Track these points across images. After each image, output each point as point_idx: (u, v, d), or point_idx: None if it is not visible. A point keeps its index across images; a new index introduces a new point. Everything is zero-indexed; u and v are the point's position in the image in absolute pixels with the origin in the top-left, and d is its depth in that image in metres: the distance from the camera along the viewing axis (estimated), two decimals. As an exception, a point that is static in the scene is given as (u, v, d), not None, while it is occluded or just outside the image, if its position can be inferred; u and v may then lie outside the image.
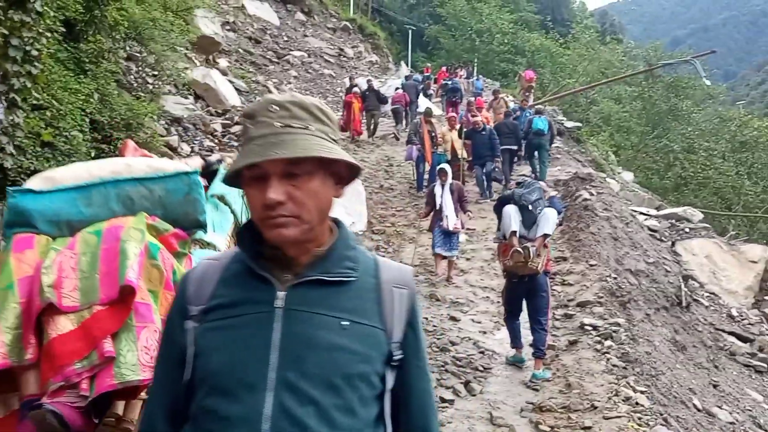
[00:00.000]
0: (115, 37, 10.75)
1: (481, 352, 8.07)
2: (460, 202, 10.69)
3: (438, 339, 8.24)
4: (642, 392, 6.87)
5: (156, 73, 13.31)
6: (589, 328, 8.60)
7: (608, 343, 8.10)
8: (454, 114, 16.23)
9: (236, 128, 15.37)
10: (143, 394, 1.84)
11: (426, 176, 15.33)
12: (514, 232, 7.45)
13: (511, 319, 7.83)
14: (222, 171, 2.82)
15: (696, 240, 15.57)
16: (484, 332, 8.78)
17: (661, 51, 41.94)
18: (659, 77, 39.22)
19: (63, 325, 1.86)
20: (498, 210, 7.99)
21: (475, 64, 45.94)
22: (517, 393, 7.04)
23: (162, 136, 12.03)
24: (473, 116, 15.73)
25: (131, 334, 1.87)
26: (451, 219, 10.30)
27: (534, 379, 7.30)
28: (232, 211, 2.65)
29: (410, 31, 49.79)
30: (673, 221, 16.89)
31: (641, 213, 17.44)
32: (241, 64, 23.07)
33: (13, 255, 2.01)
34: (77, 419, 1.72)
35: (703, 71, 28.62)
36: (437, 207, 10.46)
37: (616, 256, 11.47)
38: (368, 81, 22.75)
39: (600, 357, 7.76)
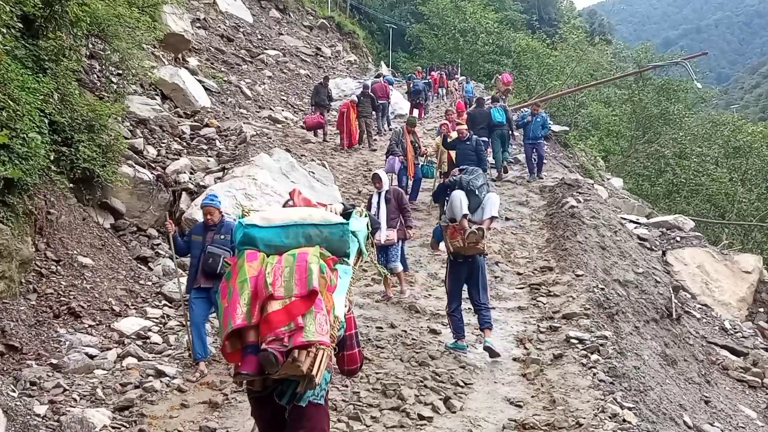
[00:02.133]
0: (76, 34, 10.65)
1: (462, 367, 8.07)
2: (401, 212, 10.24)
3: (417, 353, 8.24)
4: (630, 409, 6.91)
5: (120, 72, 13.22)
6: (575, 341, 8.63)
7: (595, 357, 8.14)
8: (446, 122, 15.87)
9: (206, 131, 15.31)
10: (311, 349, 3.42)
11: (409, 190, 14.99)
12: (465, 215, 8.35)
13: (454, 304, 8.58)
14: (354, 215, 4.19)
15: (688, 249, 15.72)
16: (466, 346, 8.78)
17: (651, 52, 42.43)
18: (650, 80, 39.68)
19: (275, 306, 3.48)
20: (440, 195, 9.22)
21: (459, 65, 46.15)
22: (499, 410, 7.04)
23: (126, 138, 11.97)
24: (458, 124, 15.22)
25: (312, 316, 3.48)
26: (383, 231, 9.90)
27: (488, 345, 8.26)
28: (358, 242, 4.07)
29: (391, 30, 50.03)
30: (664, 230, 17.04)
31: (631, 221, 17.57)
32: (212, 64, 22.98)
33: (246, 262, 3.65)
34: (280, 357, 3.37)
35: (694, 74, 28.96)
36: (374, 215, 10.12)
37: (604, 266, 11.53)
38: (325, 78, 22.47)
39: (586, 372, 7.79)
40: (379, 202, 10.17)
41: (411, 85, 27.50)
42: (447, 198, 8.88)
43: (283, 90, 27.06)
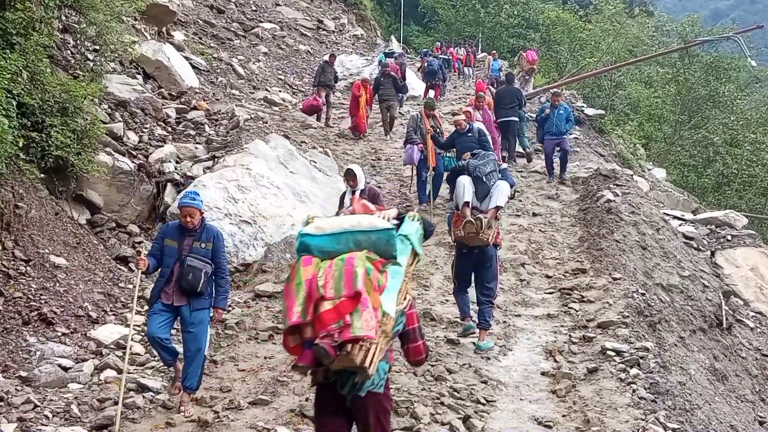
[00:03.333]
0: (48, 5, 10.69)
1: (484, 382, 8.07)
2: None
3: (433, 366, 8.24)
4: (674, 430, 6.89)
5: (97, 47, 13.26)
6: (612, 353, 8.62)
7: (635, 371, 8.12)
8: (470, 108, 15.20)
9: (193, 114, 15.34)
10: (364, 343, 4.14)
11: (429, 185, 14.19)
12: (466, 203, 8.76)
13: (459, 292, 9.11)
14: (407, 219, 4.95)
15: (740, 249, 15.64)
16: (488, 358, 8.78)
17: (699, 26, 42.17)
18: (697, 56, 39.41)
19: (326, 306, 4.24)
20: (451, 180, 9.43)
21: (480, 40, 45.98)
22: (525, 430, 7.04)
23: (104, 122, 12.00)
24: (455, 114, 14.74)
25: (358, 314, 4.20)
26: None
27: (479, 350, 8.72)
28: (411, 244, 4.80)
29: (402, 1, 49.83)
30: (713, 227, 16.97)
31: (675, 217, 17.51)
32: (200, 38, 23.01)
33: (302, 267, 4.46)
34: (332, 351, 4.12)
35: (748, 50, 28.77)
36: None
37: (645, 269, 11.50)
38: (331, 55, 22.47)
39: (625, 388, 7.78)
40: (353, 198, 9.50)
41: (426, 63, 27.41)
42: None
43: (281, 68, 27.06)
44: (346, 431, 4.66)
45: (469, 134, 13.21)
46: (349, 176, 10.09)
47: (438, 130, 14.48)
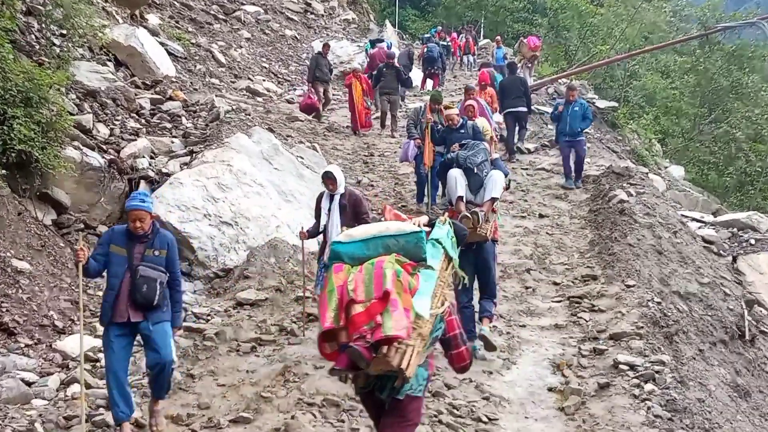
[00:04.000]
0: (10, -15, 10.68)
1: (486, 398, 8.08)
2: (358, 220, 9.29)
3: (429, 381, 8.23)
4: (692, 451, 6.91)
5: (64, 32, 13.23)
6: (626, 367, 8.63)
7: (649, 386, 8.14)
8: (473, 102, 14.45)
9: (169, 105, 15.31)
10: (400, 346, 4.52)
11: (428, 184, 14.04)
12: (460, 197, 8.98)
13: (464, 297, 8.97)
14: (438, 223, 5.46)
15: (764, 254, 15.65)
16: (490, 372, 8.79)
17: (720, 11, 42.27)
18: (718, 44, 39.49)
19: (357, 309, 4.63)
20: (441, 175, 9.65)
21: (482, 26, 46.03)
22: (531, 451, 7.05)
23: (72, 114, 11.95)
24: (446, 108, 13.58)
25: (388, 314, 4.56)
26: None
27: (482, 332, 8.82)
28: (444, 248, 5.28)
29: (398, -18, 49.84)
30: (735, 230, 16.99)
31: (694, 219, 17.55)
32: (177, 22, 22.99)
33: (334, 274, 4.89)
34: (366, 352, 4.47)
35: (774, 37, 28.86)
36: (322, 228, 9.57)
37: (661, 275, 11.52)
38: (325, 45, 22.48)
39: (639, 405, 7.79)
40: (330, 209, 9.48)
41: (425, 50, 27.41)
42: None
43: (265, 55, 27.07)
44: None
45: (462, 131, 12.66)
46: (328, 178, 9.54)
47: (441, 126, 13.60)
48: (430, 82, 26.34)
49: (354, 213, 9.45)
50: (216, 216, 11.80)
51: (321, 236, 9.68)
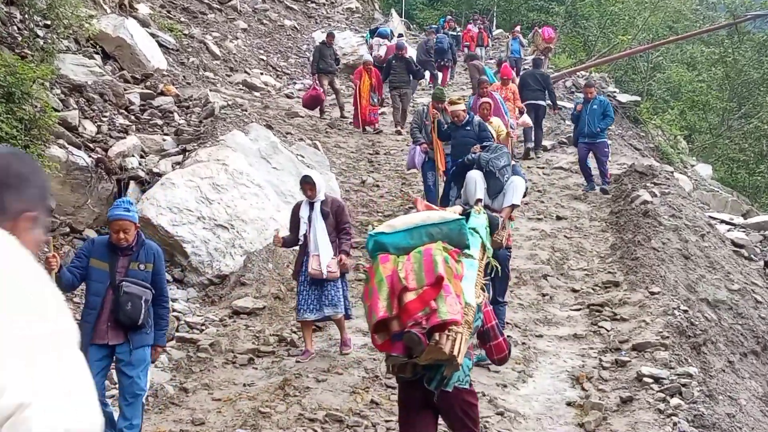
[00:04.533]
0: (-9, -28, 10.71)
1: (500, 414, 8.07)
2: (339, 233, 9.41)
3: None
4: (722, 469, 6.89)
5: (49, 23, 13.26)
6: (650, 380, 8.62)
7: (676, 401, 8.12)
8: (488, 100, 14.06)
9: (161, 100, 15.34)
10: (450, 333, 4.80)
11: (441, 191, 13.38)
12: (479, 200, 9.12)
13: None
14: (473, 213, 6.01)
15: (798, 259, 15.64)
16: (504, 385, 8.78)
17: (751, -3, 42.22)
18: (748, 34, 39.46)
19: (410, 297, 4.89)
20: (457, 176, 9.95)
21: (495, 15, 46.03)
22: (549, 470, 7.04)
23: (57, 110, 11.98)
24: (451, 103, 13.08)
25: (442, 299, 4.85)
26: (324, 258, 9.11)
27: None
28: (480, 237, 5.75)
29: (405, -32, 49.89)
30: (767, 233, 16.98)
31: (723, 221, 17.53)
32: (168, 12, 23.04)
33: (381, 264, 5.19)
34: (420, 339, 4.73)
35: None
36: (301, 239, 9.30)
37: (688, 281, 11.51)
38: (329, 35, 22.37)
39: (664, 421, 7.78)
40: (311, 217, 9.26)
41: (434, 41, 27.40)
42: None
43: (263, 47, 27.12)
44: (433, 429, 5.41)
45: (468, 128, 12.43)
46: (306, 183, 9.32)
47: (445, 126, 13.33)
48: (440, 75, 26.26)
49: (337, 222, 9.35)
50: (210, 219, 11.81)
51: (300, 248, 9.40)
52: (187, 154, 13.13)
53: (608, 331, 10.16)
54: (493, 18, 44.40)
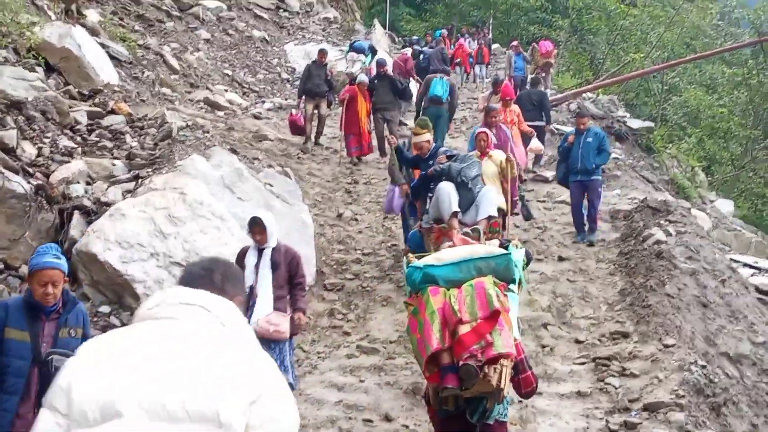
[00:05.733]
0: None
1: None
2: (294, 287, 9.30)
3: None
4: None
5: (-15, 30, 13.26)
6: (663, 445, 8.63)
7: (692, 469, 8.14)
8: (485, 131, 13.72)
9: (111, 119, 15.32)
10: (497, 365, 5.55)
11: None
12: (455, 213, 9.56)
13: None
14: (512, 247, 6.63)
15: (830, 309, 15.71)
16: None
17: (777, 13, 42.62)
18: (775, 53, 39.81)
19: (464, 329, 5.71)
20: (422, 189, 10.46)
21: (490, 27, 46.30)
22: None
23: (-9, 130, 11.96)
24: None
25: (497, 332, 5.63)
26: (263, 309, 8.98)
27: None
28: (519, 271, 6.45)
29: (389, -25, 50.23)
30: (796, 278, 17.06)
31: (746, 265, 17.60)
32: (121, 19, 23.08)
33: (431, 297, 5.97)
34: (478, 372, 5.50)
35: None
36: (247, 288, 8.71)
37: (706, 333, 11.54)
38: (321, 52, 21.82)
39: (679, 492, 7.79)
40: (258, 265, 9.06)
41: (419, 57, 27.48)
42: (430, 194, 10.14)
43: (228, 60, 27.18)
44: None
45: (431, 162, 11.93)
46: (256, 225, 9.11)
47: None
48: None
49: (290, 274, 9.17)
50: (166, 255, 11.76)
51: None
52: (140, 181, 13.10)
53: (616, 388, 10.16)
54: (488, 31, 44.66)
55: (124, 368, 2.92)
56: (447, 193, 9.61)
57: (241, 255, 9.21)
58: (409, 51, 29.70)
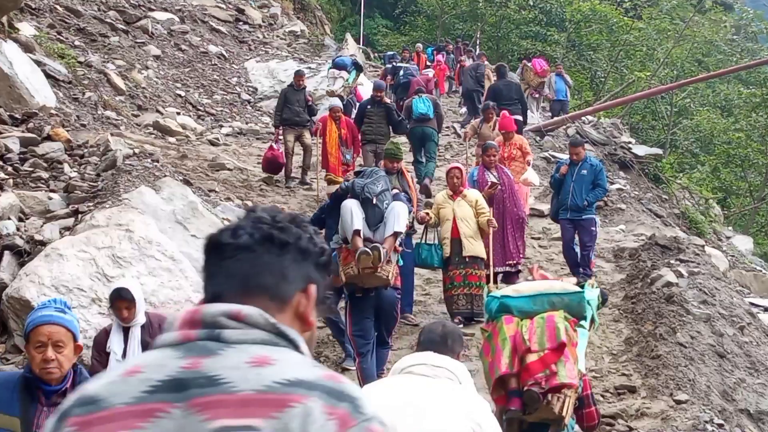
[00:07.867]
0: None
1: None
2: None
3: None
4: None
5: None
6: None
7: None
8: (458, 165, 13.94)
9: (47, 147, 15.28)
10: (560, 394, 6.76)
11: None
12: (357, 231, 9.75)
13: (363, 358, 10.02)
14: (587, 286, 7.85)
15: None
16: None
17: (798, 27, 42.99)
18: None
19: (532, 358, 6.95)
20: (331, 210, 10.65)
21: (477, 42, 46.47)
22: None
23: None
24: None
25: (562, 363, 6.85)
26: None
27: None
28: (592, 310, 7.60)
29: (363, -17, 50.46)
30: (823, 324, 17.14)
31: (767, 309, 17.66)
32: (59, 33, 23.06)
33: (505, 325, 7.24)
34: (540, 398, 6.74)
35: None
36: None
37: (723, 387, 11.56)
38: (297, 74, 21.17)
39: None
40: (126, 352, 7.73)
41: (395, 76, 27.50)
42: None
43: (180, 79, 27.17)
44: None
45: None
46: (121, 302, 7.77)
47: (407, 196, 12.30)
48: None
49: None
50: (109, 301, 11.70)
51: None
52: (79, 216, 13.06)
53: (623, 449, 10.18)
54: (475, 46, 44.81)
55: (397, 407, 4.39)
56: (349, 210, 9.86)
57: (101, 340, 7.96)
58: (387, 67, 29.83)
